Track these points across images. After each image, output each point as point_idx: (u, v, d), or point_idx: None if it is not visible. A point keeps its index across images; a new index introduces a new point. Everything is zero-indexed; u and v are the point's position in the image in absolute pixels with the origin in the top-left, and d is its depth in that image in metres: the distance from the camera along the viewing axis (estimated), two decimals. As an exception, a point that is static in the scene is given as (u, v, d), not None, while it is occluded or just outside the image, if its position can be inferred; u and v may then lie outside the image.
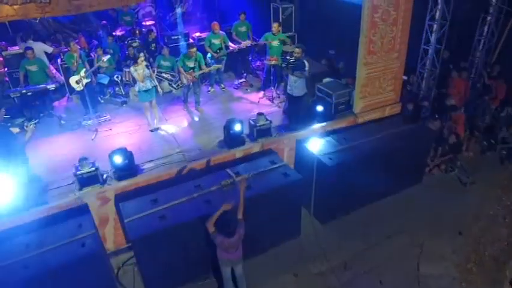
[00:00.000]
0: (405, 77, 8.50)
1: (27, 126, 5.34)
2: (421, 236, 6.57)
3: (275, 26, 8.44)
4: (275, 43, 8.49)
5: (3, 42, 9.29)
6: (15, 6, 4.61)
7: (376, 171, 6.92)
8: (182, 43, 9.95)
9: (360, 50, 7.13)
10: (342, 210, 7.05)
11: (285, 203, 6.10)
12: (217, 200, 5.54)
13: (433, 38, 8.29)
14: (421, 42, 8.49)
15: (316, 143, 6.85)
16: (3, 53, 8.90)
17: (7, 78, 8.92)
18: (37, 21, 9.97)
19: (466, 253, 6.29)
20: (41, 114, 8.27)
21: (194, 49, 7.88)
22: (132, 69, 7.18)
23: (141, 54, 7.20)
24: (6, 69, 8.91)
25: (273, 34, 8.49)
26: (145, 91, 7.32)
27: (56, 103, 8.91)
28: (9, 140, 5.09)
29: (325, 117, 7.47)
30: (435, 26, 8.19)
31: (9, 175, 5.28)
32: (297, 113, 7.38)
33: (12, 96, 7.85)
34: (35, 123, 5.52)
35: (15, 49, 8.99)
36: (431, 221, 6.92)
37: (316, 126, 7.31)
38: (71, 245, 4.95)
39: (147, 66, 7.25)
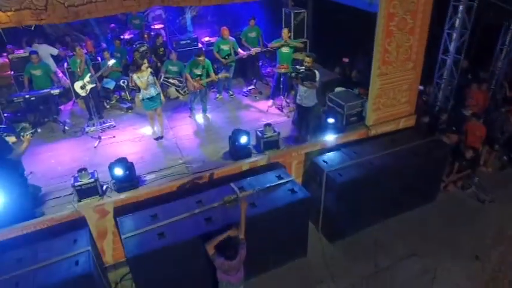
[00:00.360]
0: (421, 87, 8.12)
1: (23, 136, 5.13)
2: (435, 259, 6.18)
3: (285, 32, 8.14)
4: (285, 50, 8.19)
5: (10, 46, 9.18)
6: (8, 13, 4.43)
7: (388, 187, 6.58)
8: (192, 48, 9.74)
9: (374, 59, 6.79)
10: (352, 229, 6.71)
11: (291, 221, 5.79)
12: (219, 218, 5.28)
13: (451, 48, 7.91)
14: (439, 52, 8.10)
15: (325, 157, 6.55)
16: (10, 56, 8.79)
17: (13, 81, 8.83)
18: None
19: (483, 280, 5.88)
20: (45, 119, 8.15)
21: (202, 57, 7.64)
22: (135, 76, 6.94)
23: (145, 60, 6.98)
24: (12, 72, 8.82)
25: (283, 40, 8.20)
26: (150, 99, 7.09)
27: (61, 107, 8.80)
28: (5, 151, 4.89)
29: (335, 129, 7.15)
30: (454, 35, 7.81)
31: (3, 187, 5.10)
32: (307, 125, 7.07)
33: (15, 101, 7.71)
34: (32, 133, 5.29)
35: (22, 52, 8.85)
36: (445, 243, 6.53)
37: (326, 138, 6.99)
38: (64, 262, 4.73)
39: (151, 73, 7.02)
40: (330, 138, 6.99)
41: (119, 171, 5.78)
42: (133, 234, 5.06)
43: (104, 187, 5.95)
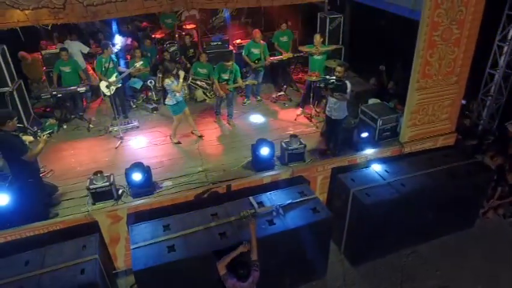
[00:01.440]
0: (464, 101, 7.48)
1: (39, 137, 5.03)
2: (469, 295, 5.63)
3: (317, 38, 7.72)
4: (317, 57, 7.78)
5: (44, 41, 9.27)
6: (26, 11, 4.33)
7: (421, 211, 6.05)
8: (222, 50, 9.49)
9: (413, 71, 6.27)
10: (377, 252, 6.22)
11: (311, 241, 5.37)
12: (234, 234, 4.96)
13: (502, 61, 7.23)
14: (486, 66, 7.43)
15: (353, 174, 6.10)
16: (42, 52, 8.86)
17: (44, 77, 8.91)
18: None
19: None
20: (71, 116, 8.15)
21: (230, 62, 7.38)
22: (168, 81, 6.73)
23: (178, 65, 6.82)
24: (44, 68, 8.89)
25: (315, 46, 7.79)
26: (178, 103, 6.94)
27: (89, 104, 8.80)
28: (17, 152, 4.79)
29: (366, 144, 6.68)
30: (506, 48, 7.13)
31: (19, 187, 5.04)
32: (335, 138, 6.63)
33: (43, 97, 7.73)
34: (49, 134, 5.19)
35: (54, 49, 8.90)
36: (482, 275, 5.93)
37: (356, 154, 6.54)
38: (70, 269, 4.56)
39: (177, 75, 6.83)
40: (360, 154, 6.53)
41: (134, 177, 5.59)
42: (143, 245, 4.84)
43: (120, 191, 5.79)
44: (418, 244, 6.47)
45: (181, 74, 6.78)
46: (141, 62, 7.94)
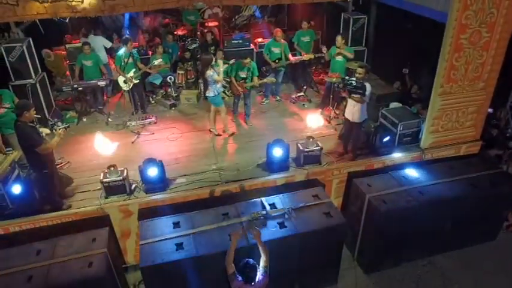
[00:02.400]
0: (490, 110, 7.16)
1: (55, 130, 5.08)
2: (488, 312, 5.37)
3: (338, 40, 7.55)
4: (339, 58, 7.61)
5: (69, 36, 9.43)
6: (45, 4, 4.37)
7: (440, 220, 5.82)
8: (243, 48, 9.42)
9: (437, 76, 6.03)
10: (391, 262, 6.02)
11: (322, 247, 5.24)
12: (244, 234, 4.87)
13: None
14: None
15: (370, 179, 5.92)
16: (66, 46, 9.01)
17: (68, 71, 9.05)
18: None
19: None
20: (91, 110, 8.25)
21: (248, 60, 7.29)
22: (209, 72, 6.76)
23: (220, 52, 7.13)
24: (68, 62, 9.04)
25: (337, 47, 7.62)
26: (219, 94, 7.03)
27: (110, 99, 8.90)
28: (32, 143, 4.86)
29: (386, 149, 6.48)
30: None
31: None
32: (353, 141, 6.46)
33: (65, 90, 7.85)
34: (66, 127, 5.25)
35: (78, 43, 9.04)
36: (503, 292, 5.67)
37: (374, 159, 6.35)
38: (78, 261, 4.59)
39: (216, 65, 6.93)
40: (378, 159, 6.33)
41: (148, 173, 5.59)
42: (152, 241, 4.82)
43: (133, 186, 5.81)
44: (435, 255, 6.23)
45: (220, 62, 6.79)
46: (160, 60, 7.96)
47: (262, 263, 4.29)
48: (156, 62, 7.83)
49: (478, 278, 5.89)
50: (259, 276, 4.21)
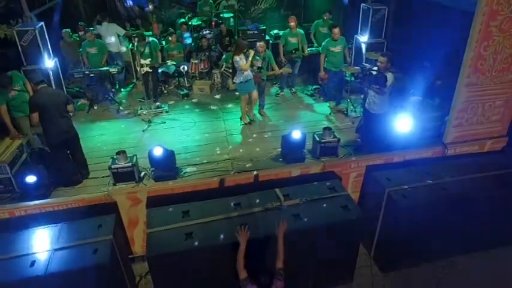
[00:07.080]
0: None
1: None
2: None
3: (335, 32, 7.32)
4: (337, 49, 7.35)
5: (82, 23, 9.32)
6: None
7: (462, 219, 5.49)
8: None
9: (463, 66, 5.71)
10: (410, 261, 5.71)
11: (338, 242, 4.96)
12: (257, 226, 4.63)
13: None
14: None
15: (389, 173, 5.62)
16: (80, 34, 8.90)
17: (81, 58, 8.93)
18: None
19: None
20: (103, 97, 8.12)
21: (262, 43, 7.04)
22: (236, 58, 6.58)
23: (245, 42, 6.84)
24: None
25: (333, 40, 7.38)
26: (247, 81, 6.76)
27: (122, 87, 8.78)
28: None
29: (406, 142, 6.17)
30: None
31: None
32: (373, 134, 6.18)
33: (76, 76, 7.72)
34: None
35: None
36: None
37: (394, 153, 6.05)
38: (83, 248, 4.39)
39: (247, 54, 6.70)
40: (398, 152, 6.04)
41: (157, 159, 5.40)
42: (160, 229, 4.60)
43: (142, 174, 5.63)
44: (457, 255, 5.90)
45: (251, 53, 6.59)
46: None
47: (277, 265, 4.00)
48: (169, 63, 7.79)
49: (502, 282, 5.54)
50: (274, 282, 3.93)
